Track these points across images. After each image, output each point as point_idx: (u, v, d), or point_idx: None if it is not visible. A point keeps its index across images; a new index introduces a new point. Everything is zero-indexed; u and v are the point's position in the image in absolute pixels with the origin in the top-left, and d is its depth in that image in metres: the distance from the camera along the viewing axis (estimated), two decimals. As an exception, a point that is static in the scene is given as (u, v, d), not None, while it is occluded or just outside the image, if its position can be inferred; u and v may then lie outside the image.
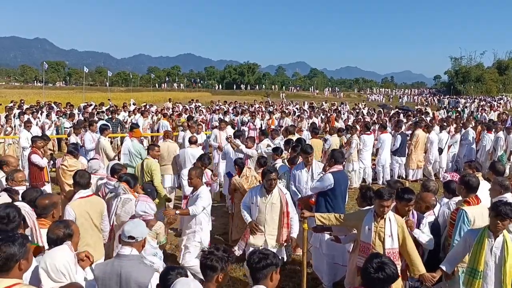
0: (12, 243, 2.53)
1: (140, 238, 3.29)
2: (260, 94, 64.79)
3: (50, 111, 17.44)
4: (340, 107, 28.95)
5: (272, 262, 2.89)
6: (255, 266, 2.85)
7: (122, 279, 3.14)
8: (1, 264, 2.47)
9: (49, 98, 30.87)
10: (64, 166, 7.05)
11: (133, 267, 3.17)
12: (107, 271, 3.20)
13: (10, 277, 2.53)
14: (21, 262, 2.55)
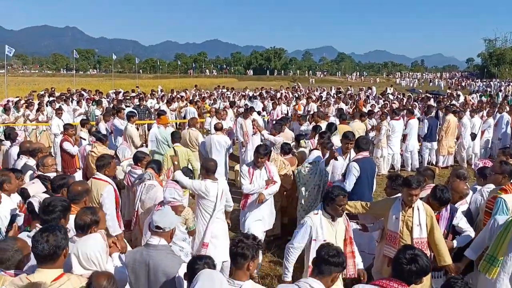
0: (59, 232, 2.66)
1: (167, 228, 3.28)
2: (287, 80, 64.29)
3: (81, 99, 17.80)
4: (368, 92, 28.38)
5: (342, 265, 2.88)
6: (328, 259, 2.82)
7: (150, 269, 3.17)
8: (52, 253, 2.59)
9: (79, 86, 31.52)
10: (94, 153, 7.18)
11: (161, 258, 3.18)
12: (136, 259, 3.25)
13: (56, 265, 2.64)
14: (66, 251, 2.70)
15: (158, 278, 3.16)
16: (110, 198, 4.94)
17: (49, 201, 3.54)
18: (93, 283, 2.48)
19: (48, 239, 2.62)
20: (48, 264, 2.63)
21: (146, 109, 15.65)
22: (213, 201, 5.26)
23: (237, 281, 3.01)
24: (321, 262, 2.84)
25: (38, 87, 31.97)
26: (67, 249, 2.72)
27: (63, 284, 2.62)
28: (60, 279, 2.63)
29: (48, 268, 2.63)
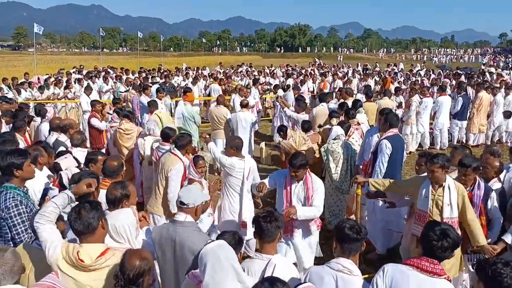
0: (90, 206, 2.72)
1: (191, 204, 3.25)
2: (312, 57, 63.32)
3: (107, 76, 18.02)
4: (395, 68, 27.70)
5: (365, 239, 2.84)
6: (356, 237, 2.78)
7: (176, 245, 3.18)
8: (87, 226, 2.66)
9: (106, 64, 31.91)
10: (121, 130, 7.28)
11: (187, 234, 3.18)
12: (163, 234, 3.26)
13: (96, 239, 2.71)
14: (102, 222, 2.75)
15: (184, 255, 3.16)
16: (179, 175, 5.06)
17: (79, 176, 3.60)
18: (126, 263, 2.48)
19: (81, 214, 2.68)
20: (87, 238, 2.69)
21: (171, 86, 15.73)
22: (240, 178, 5.26)
23: (266, 255, 3.03)
24: (348, 241, 2.78)
25: (66, 65, 32.57)
26: (103, 221, 2.77)
27: (108, 259, 2.67)
28: (105, 254, 2.68)
29: (89, 243, 2.69)
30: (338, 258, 2.78)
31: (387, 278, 2.69)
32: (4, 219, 3.55)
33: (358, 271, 2.76)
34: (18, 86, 14.10)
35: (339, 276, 2.72)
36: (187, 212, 3.27)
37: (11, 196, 3.57)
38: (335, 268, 2.74)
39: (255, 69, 26.65)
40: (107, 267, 2.68)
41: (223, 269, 2.32)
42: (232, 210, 5.36)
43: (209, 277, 2.29)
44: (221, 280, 2.29)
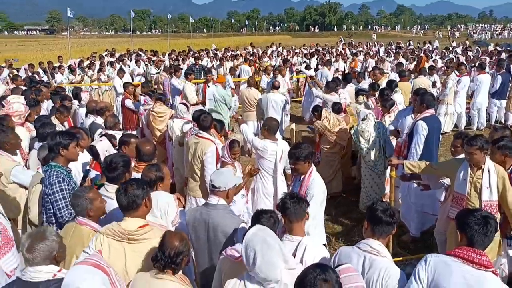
0: (136, 185, 2.85)
1: (223, 188, 3.30)
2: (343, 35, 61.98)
3: (138, 59, 18.24)
4: (430, 46, 26.76)
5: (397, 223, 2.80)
6: (389, 220, 2.74)
7: (210, 228, 3.25)
8: (131, 203, 2.81)
9: (137, 46, 32.26)
10: (154, 112, 7.39)
11: (219, 217, 3.24)
12: (197, 217, 3.33)
13: (139, 215, 2.85)
14: (146, 201, 2.88)
15: (218, 237, 3.23)
16: (214, 158, 5.11)
17: (111, 159, 3.71)
18: (165, 243, 2.56)
19: (127, 191, 2.82)
20: (130, 213, 2.84)
21: (201, 68, 15.78)
22: (272, 161, 5.24)
23: (296, 236, 3.04)
24: (380, 223, 2.74)
25: (98, 48, 33.14)
26: (147, 200, 2.88)
27: (147, 233, 2.82)
28: (145, 227, 2.83)
29: (132, 217, 2.83)
30: (368, 239, 2.76)
31: (429, 269, 2.60)
32: (47, 195, 3.73)
33: (387, 253, 2.74)
34: (53, 70, 14.49)
35: (367, 257, 2.71)
36: (219, 195, 3.32)
37: (55, 173, 3.74)
38: (364, 248, 2.74)
39: (284, 49, 26.36)
40: (145, 240, 2.80)
41: (273, 249, 2.35)
42: (265, 192, 5.37)
43: (261, 260, 2.29)
44: (274, 260, 2.32)
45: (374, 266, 2.66)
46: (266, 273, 2.31)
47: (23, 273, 2.46)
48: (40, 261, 2.42)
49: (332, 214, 6.37)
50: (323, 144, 7.13)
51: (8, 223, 3.83)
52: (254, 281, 2.39)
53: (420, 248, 5.47)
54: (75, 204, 3.15)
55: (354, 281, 2.34)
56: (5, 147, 4.53)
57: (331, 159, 7.15)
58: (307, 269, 2.10)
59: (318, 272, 1.95)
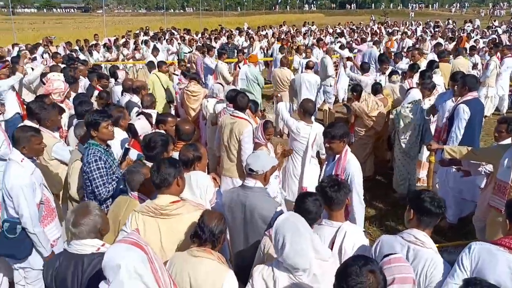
0: (169, 164, 2.88)
1: (260, 171, 3.29)
2: (377, 14, 60.09)
3: (172, 37, 18.30)
4: (470, 25, 25.60)
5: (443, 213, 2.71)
6: (437, 211, 2.64)
7: (246, 210, 3.26)
8: (163, 180, 2.84)
9: (169, 24, 32.37)
10: (189, 92, 7.42)
11: (257, 200, 3.24)
12: (233, 198, 3.34)
13: (171, 192, 2.89)
14: (178, 180, 2.90)
15: (254, 219, 3.23)
16: (251, 137, 5.08)
17: (149, 138, 3.76)
18: (205, 220, 2.60)
19: (159, 169, 2.85)
20: (162, 190, 2.88)
21: (234, 47, 15.70)
22: (304, 143, 5.18)
23: (336, 222, 3.01)
24: (427, 214, 2.63)
25: (132, 26, 33.45)
26: (179, 179, 2.91)
27: (179, 208, 2.87)
28: (177, 203, 2.88)
29: (165, 194, 2.88)
30: (412, 229, 2.67)
31: (473, 257, 2.53)
32: (85, 173, 3.84)
33: (432, 244, 2.65)
34: (90, 48, 14.74)
35: (411, 247, 2.63)
36: (256, 178, 3.31)
37: (92, 152, 3.83)
38: (408, 239, 2.65)
39: (318, 28, 25.85)
40: (178, 216, 2.85)
41: (302, 237, 2.33)
42: (295, 173, 5.36)
43: (289, 246, 2.28)
44: (303, 249, 2.30)
45: (418, 257, 2.59)
46: (294, 261, 2.29)
47: (70, 245, 2.55)
48: (86, 235, 2.50)
49: (366, 198, 6.25)
50: (357, 127, 7.00)
51: (51, 195, 3.98)
52: (282, 268, 2.38)
53: (458, 235, 5.35)
54: (130, 179, 3.23)
55: (405, 272, 2.27)
56: (46, 124, 4.64)
57: (365, 141, 7.03)
58: (351, 259, 2.04)
59: (363, 262, 1.90)
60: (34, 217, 3.56)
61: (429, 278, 2.54)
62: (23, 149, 3.59)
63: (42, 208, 3.73)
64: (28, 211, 3.50)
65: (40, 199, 3.67)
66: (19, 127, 3.82)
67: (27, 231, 3.56)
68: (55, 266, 2.54)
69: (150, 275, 2.10)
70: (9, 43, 16.87)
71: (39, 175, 3.76)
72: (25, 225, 3.53)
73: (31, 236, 3.57)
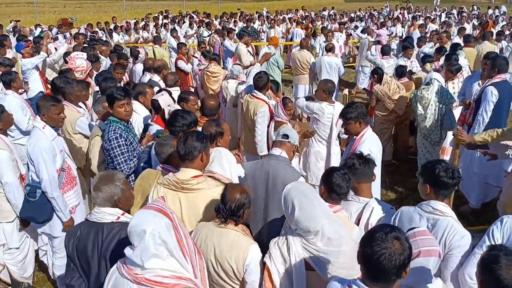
0: (196, 137, 2.86)
1: (292, 140, 3.32)
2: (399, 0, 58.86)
3: (191, 21, 18.24)
4: (496, 11, 24.85)
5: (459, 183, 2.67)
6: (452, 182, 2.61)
7: (270, 178, 3.25)
8: (187, 153, 2.82)
9: (189, 9, 32.26)
10: (209, 72, 7.41)
11: (281, 168, 3.24)
12: (257, 168, 3.35)
13: (194, 166, 2.87)
14: (202, 155, 2.87)
15: (277, 187, 3.21)
16: (265, 118, 5.11)
17: (174, 113, 3.78)
18: (227, 195, 2.58)
19: (186, 141, 2.84)
20: (186, 163, 2.87)
21: (253, 31, 15.57)
22: (328, 124, 5.12)
23: (363, 197, 2.98)
24: (443, 186, 2.61)
25: (151, 10, 33.45)
26: (204, 154, 2.88)
27: (200, 183, 2.85)
28: (199, 178, 2.86)
29: (188, 168, 2.86)
30: (429, 201, 2.66)
31: (505, 230, 2.47)
32: (107, 150, 3.86)
33: (451, 212, 2.62)
34: (110, 30, 14.80)
35: (430, 218, 2.62)
36: (283, 148, 3.33)
37: (113, 129, 3.83)
38: (426, 210, 2.64)
39: (338, 13, 25.43)
40: (199, 190, 2.84)
41: (310, 200, 2.33)
42: (319, 156, 5.29)
43: (298, 210, 2.31)
44: (311, 211, 2.30)
45: (437, 226, 2.57)
46: (305, 224, 2.30)
47: (90, 214, 2.58)
48: (101, 202, 2.51)
49: (386, 182, 6.21)
50: (378, 110, 6.87)
51: (73, 164, 4.04)
52: (296, 234, 2.40)
53: (480, 221, 5.25)
54: (160, 152, 3.24)
55: (429, 245, 2.27)
56: (70, 99, 4.69)
57: (385, 126, 6.92)
58: (376, 226, 2.04)
59: (389, 229, 1.88)
60: (53, 181, 3.63)
61: (448, 246, 2.52)
62: (43, 116, 3.66)
63: (63, 175, 3.80)
64: (47, 174, 3.57)
65: (61, 165, 3.74)
66: (42, 96, 3.88)
67: (47, 195, 3.64)
68: (76, 235, 2.56)
69: (175, 242, 2.10)
70: (31, 24, 17.08)
71: (60, 143, 3.83)
72: (44, 189, 3.62)
73: (50, 200, 3.66)
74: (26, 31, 12.97)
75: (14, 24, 15.13)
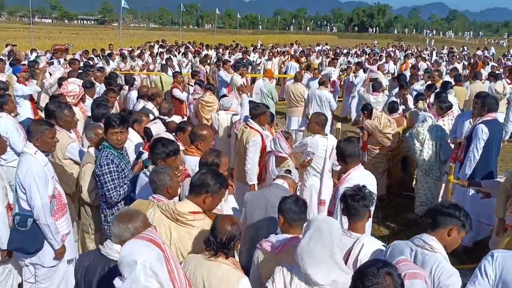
0: (213, 176, 2.83)
1: (294, 177, 3.48)
2: (391, 38, 60.42)
3: (187, 51, 18.48)
4: (485, 52, 25.60)
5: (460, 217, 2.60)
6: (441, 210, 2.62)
7: (269, 204, 3.29)
8: (198, 185, 2.81)
9: (184, 39, 32.80)
10: (203, 101, 7.43)
11: (281, 195, 3.19)
12: (258, 196, 3.43)
13: (198, 201, 2.82)
14: (208, 197, 2.83)
15: (275, 217, 3.15)
16: (256, 147, 5.12)
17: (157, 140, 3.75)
18: (217, 227, 2.51)
19: (204, 173, 2.85)
20: (191, 195, 2.84)
21: (248, 63, 15.81)
22: (322, 156, 5.11)
23: (354, 233, 2.93)
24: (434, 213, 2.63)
25: (148, 39, 33.91)
26: (210, 197, 2.83)
27: (196, 221, 2.77)
28: (196, 215, 2.79)
29: (190, 200, 2.82)
30: (422, 234, 2.64)
31: (497, 265, 2.45)
32: (97, 176, 3.81)
33: (442, 249, 2.57)
34: (106, 57, 14.92)
35: (419, 252, 2.58)
36: (286, 180, 3.47)
37: (105, 154, 3.80)
38: (417, 243, 2.61)
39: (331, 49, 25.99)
40: (193, 228, 2.77)
41: (320, 240, 2.28)
42: (314, 190, 5.26)
43: (305, 242, 2.29)
44: (316, 250, 2.26)
45: (425, 261, 2.53)
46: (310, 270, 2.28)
47: (103, 246, 2.52)
48: (116, 239, 2.45)
49: (379, 217, 6.17)
50: (370, 145, 6.92)
51: (63, 191, 3.93)
52: (301, 277, 2.35)
53: (472, 259, 5.19)
54: (156, 179, 3.13)
55: (414, 268, 2.28)
56: (59, 123, 4.55)
57: (378, 160, 6.93)
58: (369, 261, 2.03)
59: (381, 265, 1.86)
60: (46, 208, 3.52)
61: (437, 283, 2.46)
62: (36, 141, 3.56)
63: (54, 202, 3.68)
64: (40, 201, 3.46)
65: (53, 192, 3.64)
66: (33, 121, 3.83)
67: (39, 223, 3.50)
68: (86, 263, 2.53)
69: (166, 274, 2.04)
70: (27, 49, 17.17)
71: (51, 169, 3.73)
72: (37, 216, 3.49)
73: (43, 227, 3.52)
74: (21, 55, 13.01)
75: (11, 48, 15.21)
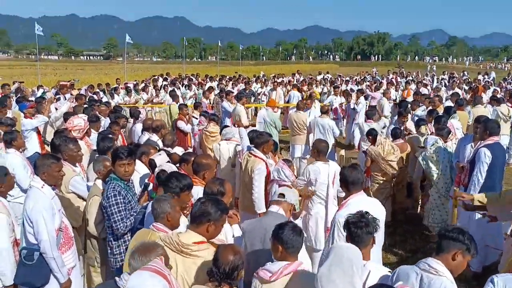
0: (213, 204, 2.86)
1: (288, 199, 3.41)
2: (391, 66, 61.11)
3: (190, 83, 18.78)
4: (486, 77, 25.79)
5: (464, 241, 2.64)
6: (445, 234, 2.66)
7: (267, 233, 3.21)
8: (199, 216, 2.82)
9: (188, 72, 33.36)
10: (207, 132, 7.53)
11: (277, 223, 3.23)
12: (256, 225, 3.40)
13: (200, 231, 2.84)
14: (211, 225, 2.84)
15: None
16: (261, 175, 5.16)
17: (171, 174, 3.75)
18: (220, 258, 2.52)
19: (204, 203, 2.86)
20: (193, 225, 2.85)
21: (251, 93, 16.02)
22: (325, 183, 5.14)
23: None
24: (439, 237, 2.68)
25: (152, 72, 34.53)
26: (212, 225, 2.84)
27: (201, 251, 2.78)
28: (201, 245, 2.80)
29: (193, 231, 2.83)
30: (427, 258, 2.66)
31: None
32: (104, 207, 3.84)
33: (447, 272, 2.58)
34: (111, 91, 15.18)
35: (424, 275, 2.59)
36: (280, 205, 3.43)
37: (112, 186, 3.85)
38: (422, 267, 2.63)
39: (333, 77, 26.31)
40: (199, 258, 2.77)
41: (340, 266, 2.31)
42: (319, 217, 5.26)
43: (325, 268, 2.31)
44: (335, 277, 2.27)
45: (431, 286, 2.54)
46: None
47: (120, 278, 2.51)
48: (132, 270, 2.42)
49: (386, 244, 6.10)
50: (374, 171, 6.93)
51: (69, 224, 3.96)
52: None
53: (482, 284, 5.07)
54: (157, 207, 3.15)
55: None
56: (64, 157, 4.56)
57: (382, 186, 6.93)
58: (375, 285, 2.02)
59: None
60: (53, 241, 3.55)
61: None
62: (43, 175, 3.63)
63: (61, 235, 3.72)
64: (47, 234, 3.49)
65: (59, 225, 3.67)
66: (41, 156, 3.91)
67: (45, 256, 3.52)
68: None
69: (171, 305, 2.04)
70: (33, 85, 17.52)
71: (58, 202, 3.78)
72: (43, 250, 3.51)
73: (49, 261, 3.54)
74: (27, 92, 13.27)
75: (18, 85, 15.52)
